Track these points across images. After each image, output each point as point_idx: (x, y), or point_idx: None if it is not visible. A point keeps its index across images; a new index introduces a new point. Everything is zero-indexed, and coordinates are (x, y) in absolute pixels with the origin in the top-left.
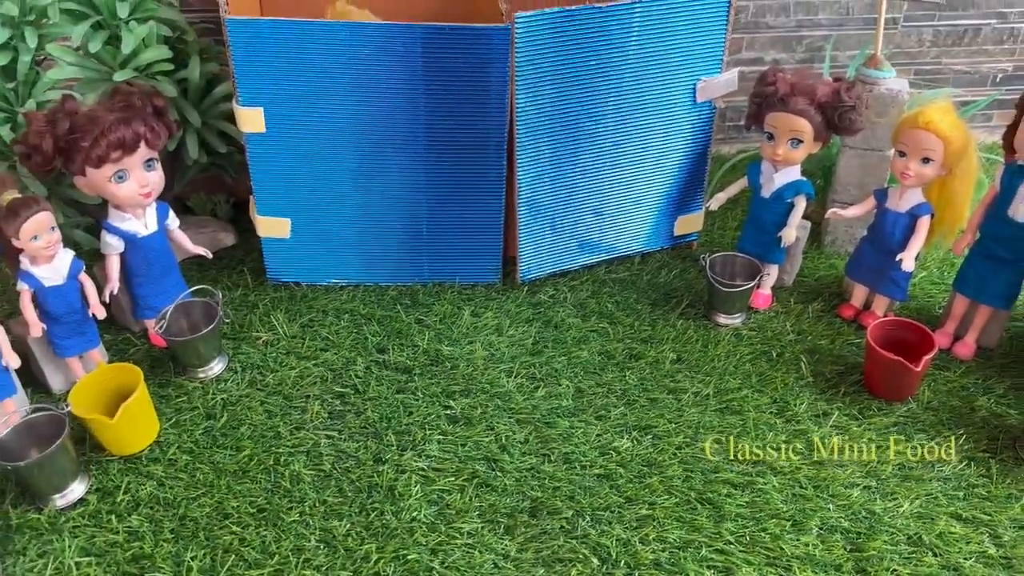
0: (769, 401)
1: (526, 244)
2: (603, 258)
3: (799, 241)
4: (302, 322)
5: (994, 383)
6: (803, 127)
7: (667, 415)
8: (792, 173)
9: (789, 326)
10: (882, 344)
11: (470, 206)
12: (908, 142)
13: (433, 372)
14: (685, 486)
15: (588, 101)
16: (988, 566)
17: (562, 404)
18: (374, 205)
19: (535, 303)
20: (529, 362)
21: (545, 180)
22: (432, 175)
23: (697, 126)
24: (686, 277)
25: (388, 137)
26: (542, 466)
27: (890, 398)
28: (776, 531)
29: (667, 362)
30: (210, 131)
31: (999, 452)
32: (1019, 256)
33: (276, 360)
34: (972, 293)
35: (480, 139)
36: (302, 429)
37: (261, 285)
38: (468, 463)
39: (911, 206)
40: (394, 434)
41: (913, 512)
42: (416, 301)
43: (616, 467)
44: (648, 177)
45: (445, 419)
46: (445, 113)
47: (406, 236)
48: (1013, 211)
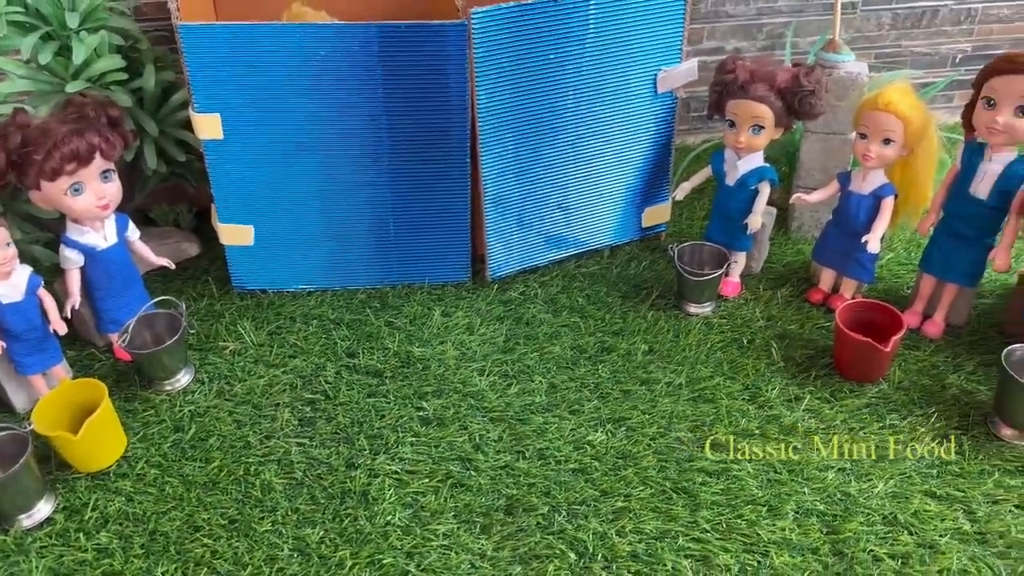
0: (741, 388)
1: (494, 241)
2: (572, 253)
3: (765, 228)
4: (269, 329)
5: (963, 360)
6: (764, 113)
7: (640, 406)
8: (755, 160)
9: (758, 313)
10: (851, 326)
11: (436, 205)
12: (869, 124)
13: (404, 374)
14: (660, 476)
15: (549, 95)
16: (963, 541)
17: (535, 400)
18: (338, 208)
19: (506, 300)
20: (501, 360)
21: (510, 176)
22: (396, 175)
23: (659, 117)
24: (655, 268)
25: (349, 139)
26: (517, 463)
27: (861, 379)
28: (752, 517)
29: (639, 354)
30: (168, 140)
31: (971, 429)
32: (982, 233)
33: (244, 369)
34: (938, 272)
35: (443, 137)
36: (272, 438)
37: (227, 294)
38: (442, 464)
39: (874, 188)
40: (366, 438)
41: (888, 492)
42: (385, 303)
43: (591, 460)
44: (613, 169)
45: (417, 421)
46: (406, 112)
47: (373, 238)
48: (974, 188)
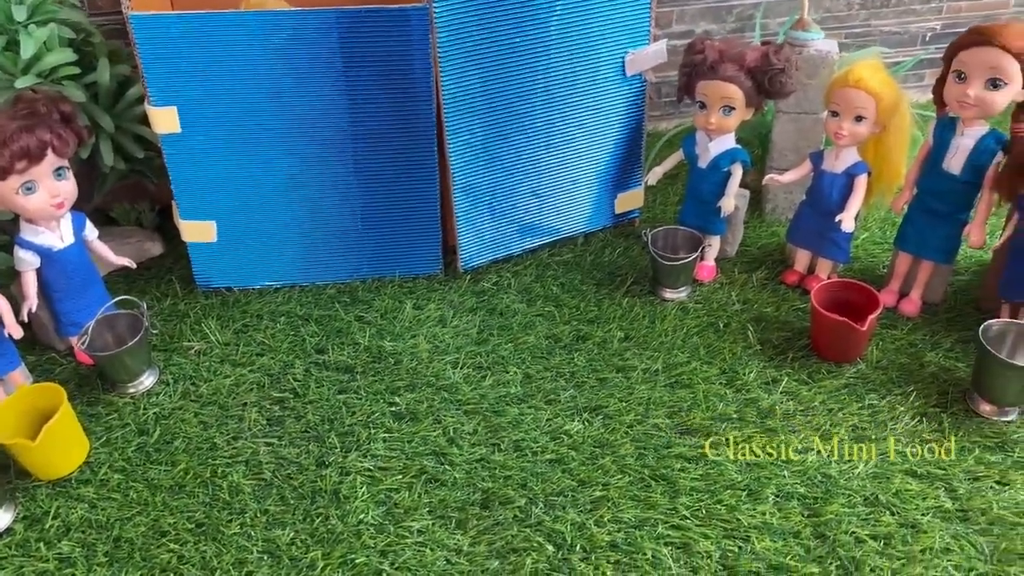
0: (718, 372)
1: (465, 231)
2: (545, 241)
3: (739, 210)
4: (236, 328)
5: (941, 338)
6: (734, 94)
7: (617, 394)
8: (727, 142)
9: (734, 296)
10: (827, 307)
11: (405, 196)
12: (840, 101)
13: (376, 369)
14: (638, 464)
15: (517, 79)
16: (945, 519)
17: (510, 391)
18: (303, 201)
19: (478, 291)
20: (475, 351)
21: (480, 164)
22: (362, 166)
23: (630, 100)
24: (630, 255)
25: (312, 130)
26: (492, 456)
27: (839, 360)
28: (732, 502)
29: (615, 341)
30: (125, 136)
31: (950, 406)
32: (956, 209)
33: (210, 369)
34: (913, 249)
35: (409, 125)
36: (240, 438)
37: (191, 293)
38: (415, 459)
39: (847, 166)
40: (337, 436)
41: (868, 473)
42: (355, 298)
43: (568, 451)
44: (584, 155)
45: (390, 416)
46: (370, 101)
47: (340, 232)
48: (947, 164)
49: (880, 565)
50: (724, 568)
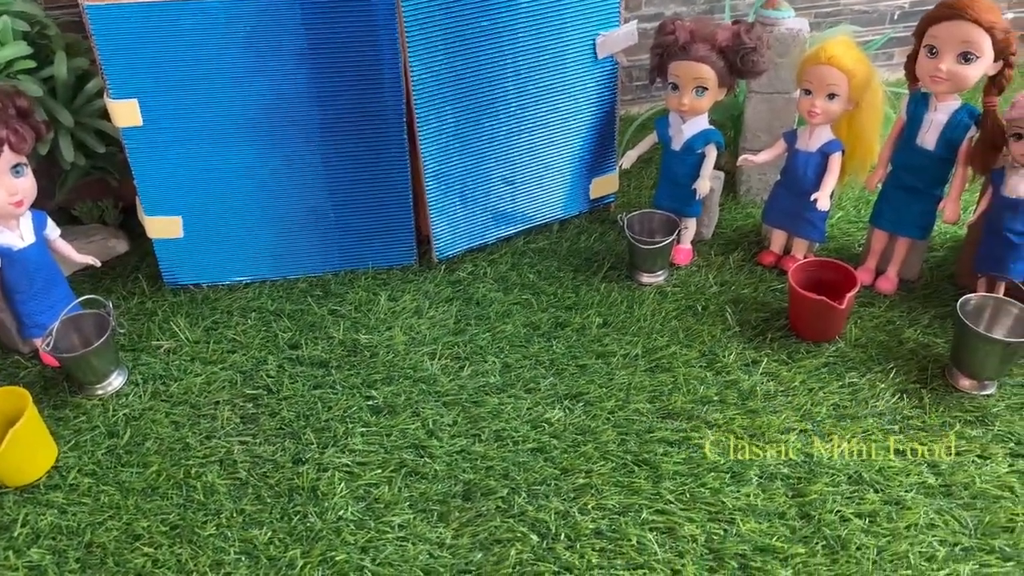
0: (698, 355)
1: (439, 220)
2: (521, 229)
3: (714, 192)
4: (205, 325)
5: (919, 314)
6: (706, 74)
7: (597, 380)
8: (700, 123)
9: (712, 278)
10: (804, 286)
11: (375, 186)
12: (812, 79)
13: (351, 363)
14: (620, 450)
15: (486, 64)
16: (929, 495)
17: (489, 381)
18: (271, 194)
19: (454, 281)
20: (452, 342)
21: (451, 152)
22: (331, 157)
23: (601, 83)
24: (606, 240)
25: (278, 120)
26: (473, 447)
27: (817, 339)
28: (716, 485)
29: (593, 327)
30: (85, 131)
31: (930, 382)
32: (930, 184)
33: (180, 368)
34: (889, 226)
35: (377, 113)
36: (213, 437)
37: (159, 291)
38: (395, 453)
39: (821, 144)
40: (313, 432)
41: (851, 451)
42: (328, 291)
43: (549, 439)
44: (557, 140)
45: (367, 410)
46: (336, 88)
47: (310, 224)
48: (921, 139)
49: (866, 543)
50: (710, 551)
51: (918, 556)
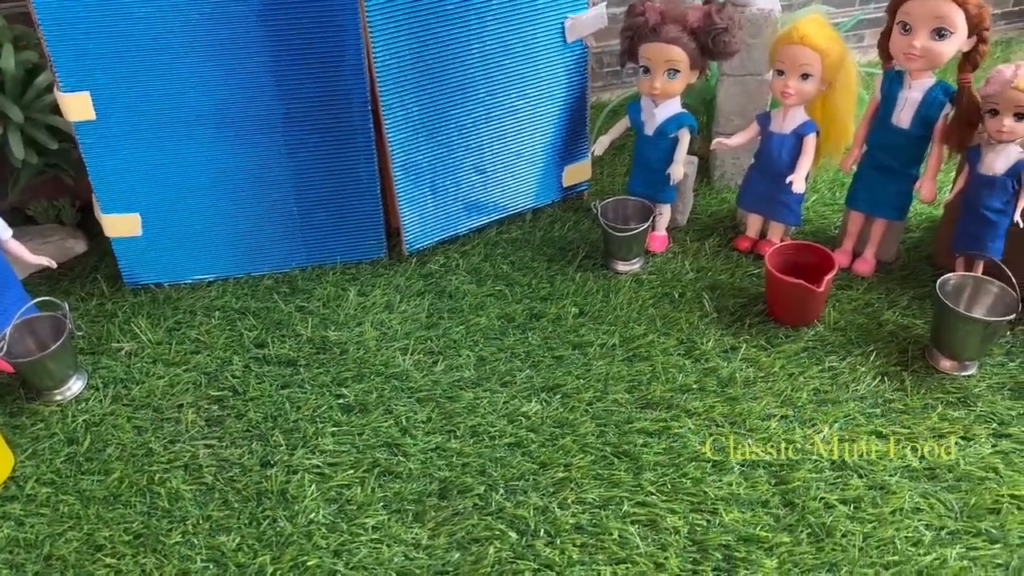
0: (676, 343)
1: (408, 212)
2: (493, 219)
3: (688, 178)
4: (168, 326)
5: (897, 296)
6: (678, 55)
7: (574, 371)
8: (672, 107)
9: (688, 265)
10: (781, 270)
11: (341, 178)
12: (785, 59)
13: (320, 361)
14: (600, 442)
15: (453, 50)
16: (913, 479)
17: (464, 375)
18: (234, 188)
19: (426, 274)
20: (425, 336)
21: (419, 140)
22: (294, 148)
23: (572, 68)
24: (580, 228)
25: (237, 111)
26: (448, 444)
27: (796, 323)
28: (697, 475)
29: (569, 317)
30: (36, 127)
31: (910, 364)
32: (906, 164)
33: (142, 370)
34: (865, 207)
35: (341, 102)
36: (177, 442)
37: (118, 291)
38: (367, 452)
39: (795, 126)
40: (281, 433)
41: (833, 436)
42: (295, 288)
43: (527, 433)
44: (528, 127)
45: (338, 409)
46: (297, 77)
47: (275, 219)
48: (896, 118)
49: (851, 529)
50: (693, 543)
51: (904, 541)
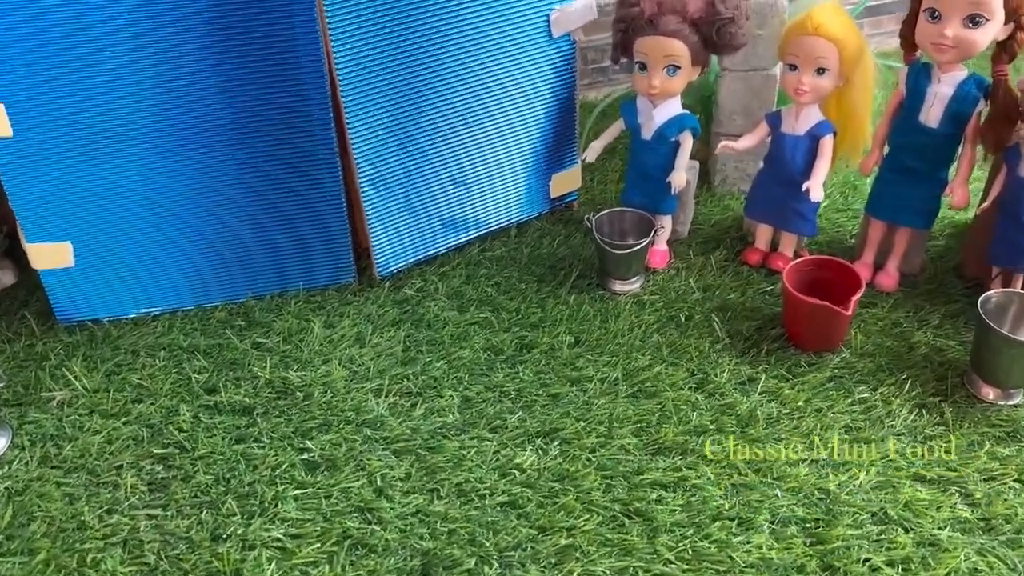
0: (686, 375)
1: (379, 231)
2: (474, 235)
3: (690, 184)
4: (106, 369)
5: (927, 313)
6: (678, 50)
7: (574, 412)
8: (673, 107)
9: (693, 283)
10: (799, 288)
11: (301, 195)
12: (799, 52)
13: (280, 408)
14: (607, 499)
15: (424, 48)
16: (967, 532)
17: (447, 420)
18: (178, 211)
19: (401, 300)
20: (401, 374)
21: (389, 151)
22: (245, 163)
23: (558, 66)
24: (571, 243)
25: (180, 124)
26: (431, 506)
27: (819, 349)
28: (722, 536)
29: (564, 347)
30: None
31: (950, 393)
32: (935, 167)
33: (76, 424)
34: (889, 215)
35: (297, 109)
36: (115, 512)
37: (50, 330)
38: (336, 520)
39: (810, 126)
40: (235, 499)
41: (871, 482)
42: (252, 320)
43: (522, 490)
44: (510, 132)
45: (301, 467)
46: (245, 82)
47: (227, 243)
48: (924, 116)
49: None
50: None
51: None
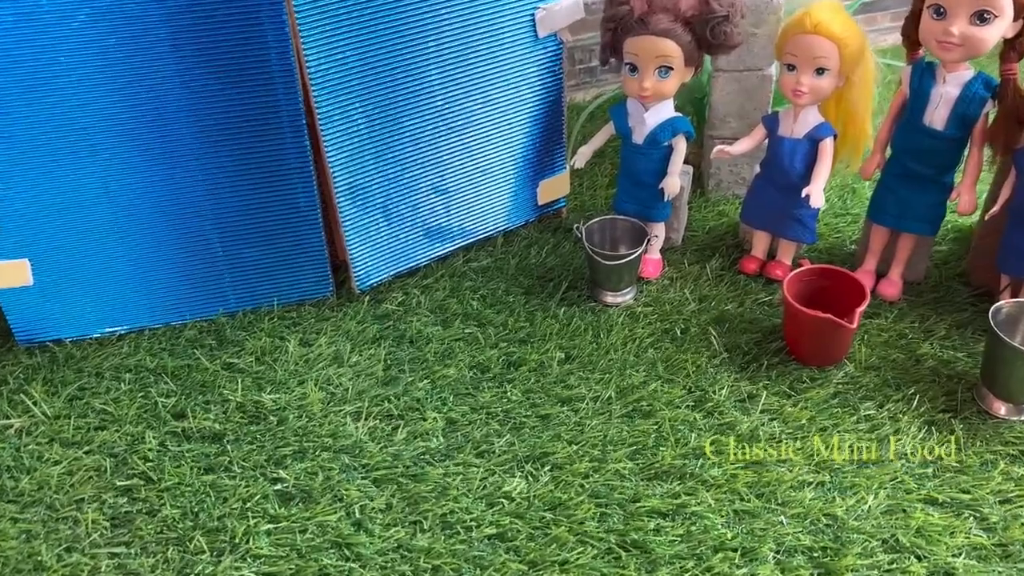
0: (683, 392)
1: (357, 242)
2: (458, 245)
3: (683, 190)
4: (68, 394)
5: (933, 324)
6: (671, 50)
7: (565, 435)
8: (665, 110)
9: (688, 294)
10: (800, 299)
11: (273, 206)
12: (797, 52)
13: (252, 434)
14: (601, 529)
15: (403, 48)
16: (983, 559)
17: (431, 445)
18: (143, 225)
19: (381, 315)
20: (382, 396)
21: (366, 158)
22: (213, 173)
23: (544, 67)
24: (560, 253)
25: (142, 134)
26: (413, 540)
27: (822, 364)
28: (724, 568)
29: (554, 364)
30: None
31: (960, 409)
32: (940, 171)
33: (34, 455)
34: (892, 222)
35: (268, 117)
36: (74, 550)
37: (9, 351)
38: (311, 557)
39: (809, 129)
40: (203, 534)
41: (881, 507)
42: (223, 339)
43: (511, 520)
44: (496, 137)
45: (274, 498)
46: (211, 88)
47: (196, 258)
48: (929, 118)
49: None
50: None
51: None
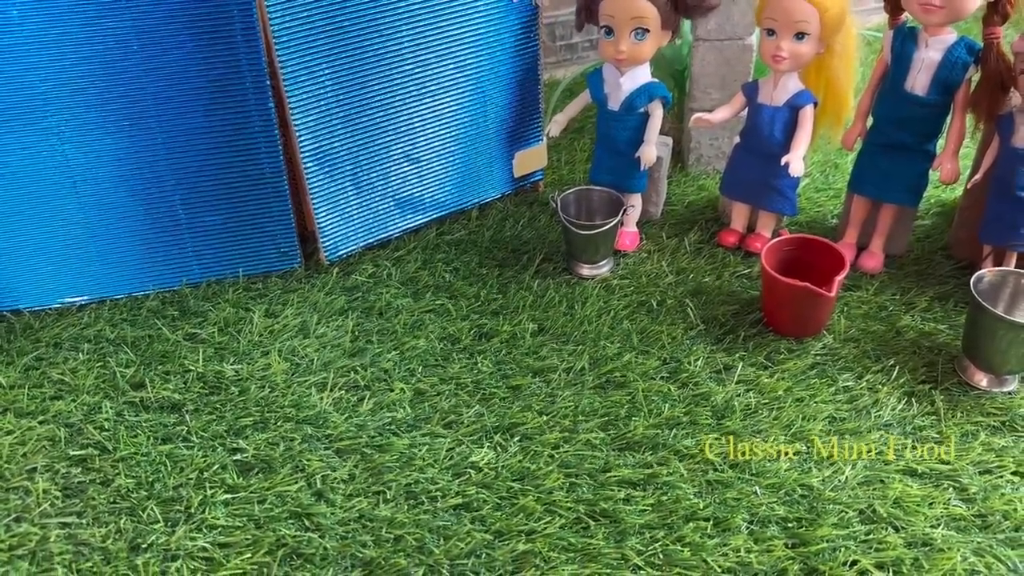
0: (658, 363)
1: (325, 212)
2: (431, 217)
3: (661, 162)
4: (25, 363)
5: (914, 296)
6: (646, 11)
7: (535, 406)
8: (641, 75)
9: (666, 266)
10: (779, 270)
11: (237, 172)
12: (777, 16)
13: (212, 404)
14: (570, 499)
15: (373, 8)
16: (962, 530)
17: (397, 416)
18: (101, 191)
19: (350, 287)
20: (348, 367)
21: (334, 124)
22: (173, 136)
23: (519, 33)
24: (536, 226)
25: (97, 95)
26: (376, 510)
27: (800, 335)
28: (696, 538)
29: (527, 335)
30: None
31: (940, 380)
32: (923, 139)
33: None
34: (873, 192)
35: (229, 76)
36: (23, 520)
37: None
38: (269, 528)
39: (789, 96)
40: (158, 504)
41: (858, 478)
42: (185, 310)
43: (477, 491)
44: (469, 105)
45: (233, 468)
46: (168, 45)
47: (157, 226)
48: (910, 84)
49: None
50: None
51: None
